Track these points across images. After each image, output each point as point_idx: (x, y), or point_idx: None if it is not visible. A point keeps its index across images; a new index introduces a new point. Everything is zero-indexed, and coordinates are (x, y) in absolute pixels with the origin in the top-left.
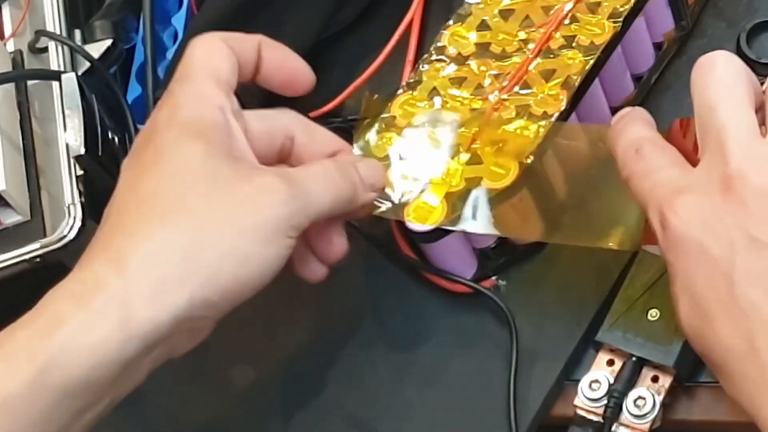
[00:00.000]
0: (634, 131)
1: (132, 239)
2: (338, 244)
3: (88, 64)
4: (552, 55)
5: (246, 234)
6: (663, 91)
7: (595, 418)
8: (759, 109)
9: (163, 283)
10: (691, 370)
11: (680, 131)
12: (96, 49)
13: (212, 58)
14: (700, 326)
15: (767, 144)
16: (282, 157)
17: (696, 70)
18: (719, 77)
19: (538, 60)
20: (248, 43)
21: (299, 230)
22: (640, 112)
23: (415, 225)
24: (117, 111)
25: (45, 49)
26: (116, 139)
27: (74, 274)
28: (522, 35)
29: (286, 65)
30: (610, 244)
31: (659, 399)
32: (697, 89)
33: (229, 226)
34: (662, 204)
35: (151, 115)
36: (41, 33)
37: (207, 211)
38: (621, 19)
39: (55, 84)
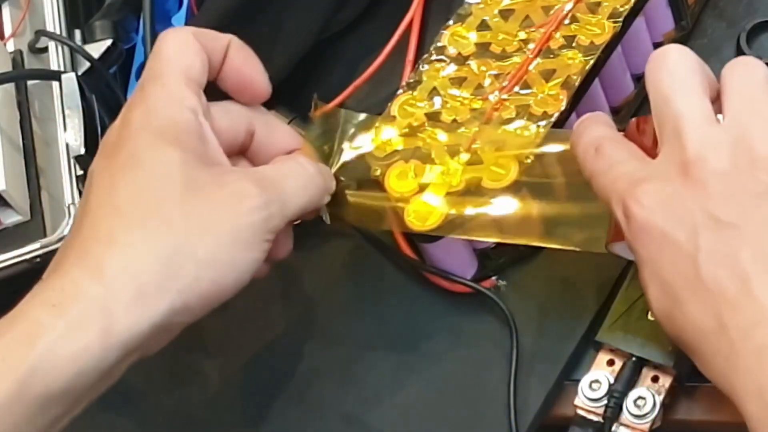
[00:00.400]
0: (593, 131)
1: (110, 248)
2: (285, 245)
3: (88, 64)
4: (552, 55)
5: (224, 241)
6: None
7: (595, 418)
8: (715, 100)
9: (143, 291)
10: (691, 370)
11: (637, 130)
12: (96, 49)
13: (184, 55)
14: (671, 309)
15: (723, 129)
16: (241, 150)
17: (649, 64)
18: (672, 68)
19: (538, 60)
20: (219, 41)
21: (276, 232)
22: (598, 114)
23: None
24: (117, 111)
25: (45, 49)
26: None
27: (50, 282)
28: (522, 35)
29: (245, 70)
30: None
31: (659, 399)
32: (652, 82)
33: (207, 233)
34: (624, 195)
35: (122, 114)
36: (41, 33)
37: (185, 219)
38: (621, 19)
39: (55, 84)
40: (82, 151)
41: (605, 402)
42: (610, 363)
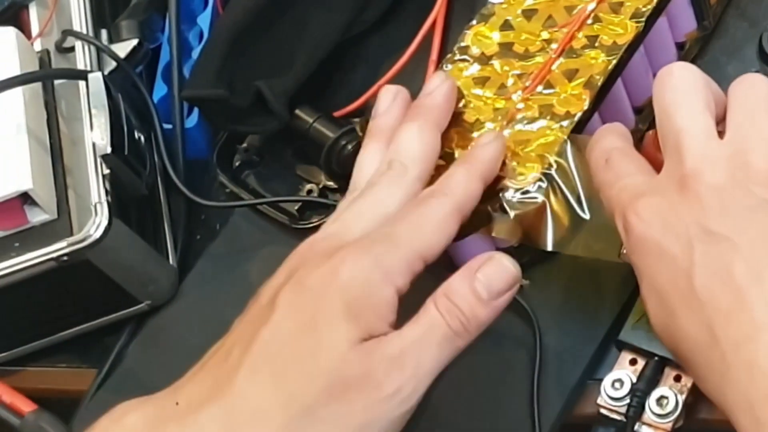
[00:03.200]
0: (606, 142)
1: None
2: None
3: (114, 64)
4: (575, 55)
5: None
6: None
7: (617, 417)
8: (722, 118)
9: None
10: None
11: (653, 142)
12: (122, 49)
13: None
14: (667, 323)
15: (723, 145)
16: None
17: (655, 81)
18: (675, 84)
19: (561, 60)
20: None
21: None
22: (615, 125)
23: None
24: (143, 110)
25: (72, 49)
26: (142, 138)
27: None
28: (545, 35)
29: None
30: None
31: (682, 398)
32: (656, 97)
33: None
34: (625, 208)
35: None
36: (68, 33)
37: (324, 408)
38: (643, 19)
39: (82, 83)
40: (109, 150)
41: (628, 401)
42: (633, 362)
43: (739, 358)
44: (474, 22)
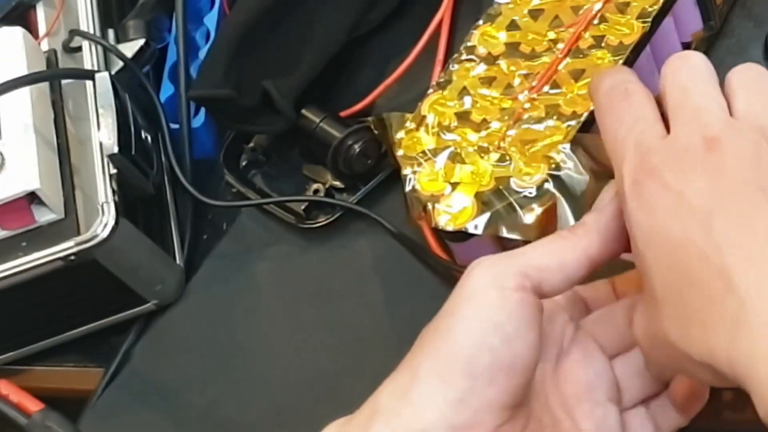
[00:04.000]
0: (625, 74)
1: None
2: None
3: (121, 64)
4: (581, 55)
5: None
6: None
7: None
8: None
9: None
10: None
11: None
12: (129, 49)
13: None
14: (677, 281)
15: (740, 120)
16: None
17: (668, 63)
18: (694, 65)
19: (568, 60)
20: None
21: None
22: (628, 70)
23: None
24: (150, 110)
25: (79, 49)
26: (149, 138)
27: None
28: (551, 35)
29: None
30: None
31: None
32: (670, 75)
33: None
34: (643, 161)
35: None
36: (75, 32)
37: None
38: (650, 19)
39: (89, 83)
40: (116, 149)
41: None
42: None
43: (759, 305)
44: (480, 21)
